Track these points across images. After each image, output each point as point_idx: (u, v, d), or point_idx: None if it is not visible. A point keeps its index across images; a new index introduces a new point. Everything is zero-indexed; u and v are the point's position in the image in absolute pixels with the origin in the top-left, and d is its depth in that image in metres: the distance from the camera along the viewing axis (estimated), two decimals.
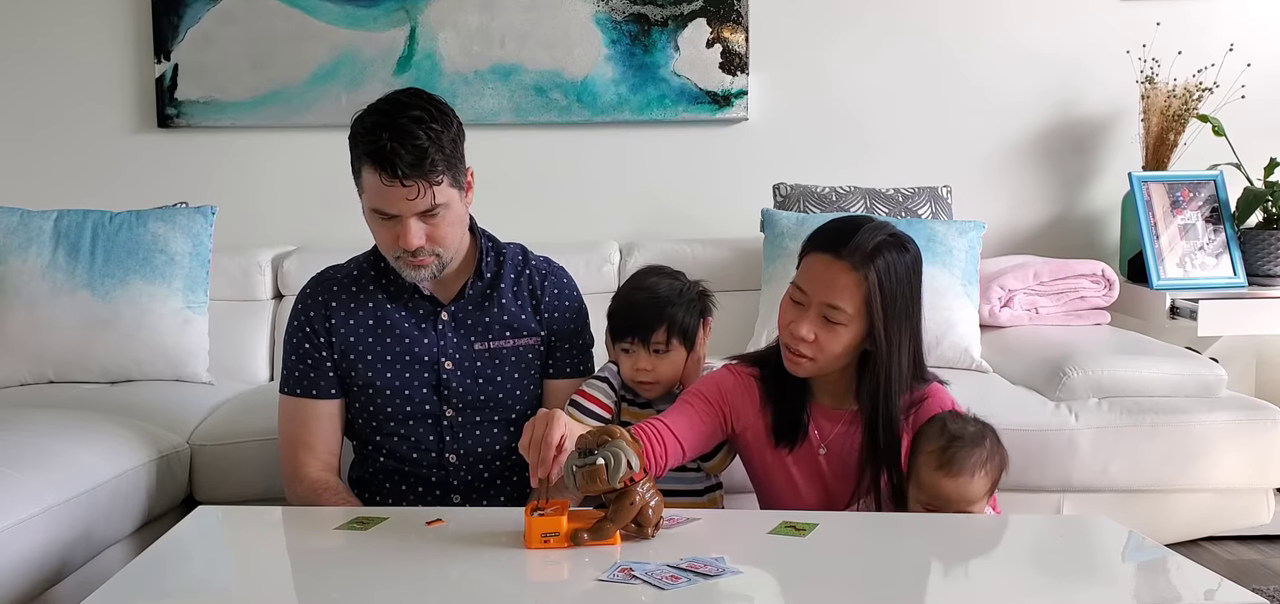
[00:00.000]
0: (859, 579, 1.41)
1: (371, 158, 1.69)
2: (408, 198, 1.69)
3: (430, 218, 1.73)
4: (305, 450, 1.86)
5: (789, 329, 1.68)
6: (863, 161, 3.22)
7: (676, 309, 1.86)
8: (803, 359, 1.68)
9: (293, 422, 1.88)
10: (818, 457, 1.75)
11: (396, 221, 1.72)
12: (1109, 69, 3.19)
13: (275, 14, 3.17)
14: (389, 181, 1.68)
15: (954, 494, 1.62)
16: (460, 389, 1.86)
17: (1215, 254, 2.94)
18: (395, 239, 1.73)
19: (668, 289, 1.88)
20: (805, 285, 1.67)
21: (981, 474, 1.63)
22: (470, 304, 1.88)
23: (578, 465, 1.45)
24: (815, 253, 1.69)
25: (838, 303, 1.63)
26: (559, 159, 3.28)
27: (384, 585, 1.31)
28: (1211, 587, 1.35)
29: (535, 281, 1.92)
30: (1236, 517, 2.50)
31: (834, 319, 1.64)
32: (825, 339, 1.65)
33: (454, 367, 1.86)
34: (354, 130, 1.75)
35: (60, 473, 1.83)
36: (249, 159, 3.25)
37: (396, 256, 1.77)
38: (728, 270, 2.93)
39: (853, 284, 1.63)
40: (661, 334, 1.85)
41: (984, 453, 1.64)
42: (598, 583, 1.30)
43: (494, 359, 1.87)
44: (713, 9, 3.19)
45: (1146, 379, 2.40)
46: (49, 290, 2.59)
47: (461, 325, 1.87)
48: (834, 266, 1.64)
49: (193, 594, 1.35)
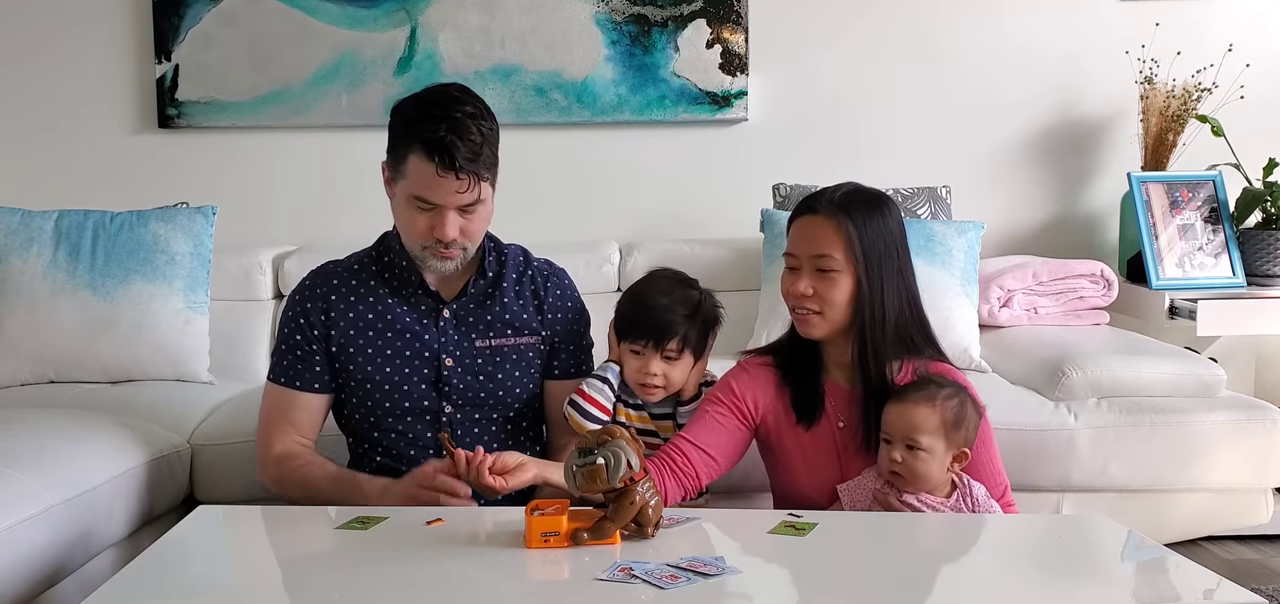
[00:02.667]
0: (859, 579, 1.41)
1: (427, 147, 1.69)
2: (457, 191, 1.71)
3: (468, 212, 1.75)
4: (279, 431, 1.87)
5: (790, 293, 1.78)
6: (862, 162, 3.22)
7: (694, 322, 1.88)
8: (811, 315, 1.76)
9: (274, 408, 1.90)
10: (834, 432, 1.80)
11: (435, 212, 1.73)
12: (1108, 69, 3.19)
13: (276, 14, 3.17)
14: (443, 173, 1.69)
15: (897, 420, 1.68)
16: (460, 386, 1.86)
17: (1214, 254, 2.94)
18: (430, 228, 1.74)
19: (685, 298, 1.89)
20: (794, 249, 1.78)
21: (928, 406, 1.67)
22: (472, 302, 1.88)
23: (578, 465, 1.45)
24: (797, 218, 1.79)
25: (825, 250, 1.73)
26: (559, 159, 3.28)
27: (384, 585, 1.31)
28: (1211, 587, 1.35)
29: (537, 282, 1.93)
30: (1236, 517, 2.50)
31: (826, 268, 1.74)
32: (824, 289, 1.74)
33: (454, 363, 1.86)
34: (404, 116, 1.75)
35: (60, 473, 1.83)
36: (250, 159, 3.26)
37: (424, 246, 1.77)
38: (727, 270, 2.93)
39: (833, 230, 1.73)
40: (676, 344, 1.86)
41: (935, 392, 1.69)
42: (598, 583, 1.30)
43: (495, 356, 1.88)
44: (713, 9, 3.19)
45: (1146, 379, 2.40)
46: (50, 290, 2.60)
47: (463, 323, 1.88)
48: (814, 221, 1.76)
49: (193, 594, 1.35)
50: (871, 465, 1.76)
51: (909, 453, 1.67)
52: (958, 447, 1.69)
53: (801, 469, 1.82)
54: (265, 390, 1.93)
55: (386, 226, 1.91)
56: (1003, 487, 1.79)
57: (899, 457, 1.67)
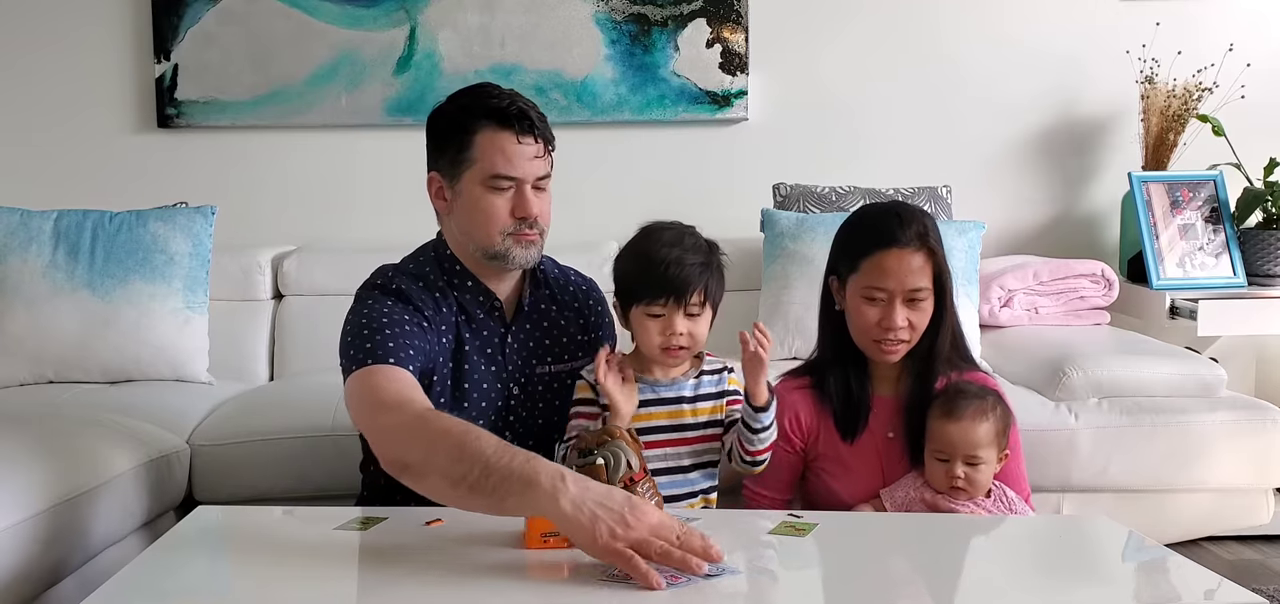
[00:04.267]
0: (859, 579, 1.41)
1: (498, 117, 1.68)
2: (535, 156, 1.70)
3: (540, 187, 1.73)
4: (389, 398, 1.54)
5: (880, 326, 1.78)
6: (862, 161, 3.22)
7: (711, 269, 1.74)
8: (901, 345, 1.79)
9: (373, 389, 1.56)
10: (879, 443, 1.83)
11: (515, 189, 1.69)
12: (1109, 69, 3.19)
13: (275, 14, 3.17)
14: (522, 137, 1.68)
15: (958, 438, 1.72)
16: (524, 414, 1.80)
17: (1215, 254, 2.94)
18: (512, 210, 1.69)
19: (696, 245, 1.74)
20: (882, 283, 1.77)
21: (984, 422, 1.73)
22: (529, 322, 1.80)
23: (578, 465, 1.45)
24: (880, 251, 1.77)
25: (920, 284, 1.76)
26: (559, 159, 3.24)
27: (384, 585, 1.31)
28: (1211, 587, 1.35)
29: (580, 298, 1.88)
30: (1236, 517, 2.50)
31: (917, 299, 1.77)
32: (916, 319, 1.78)
33: (520, 392, 1.79)
34: (459, 104, 1.72)
35: (60, 473, 1.83)
36: (249, 159, 3.25)
37: (508, 233, 1.70)
38: (727, 270, 2.92)
39: (924, 262, 1.77)
40: (699, 295, 1.72)
41: (985, 404, 1.74)
42: (597, 583, 1.30)
43: (552, 383, 1.80)
44: (713, 9, 3.19)
45: (1146, 379, 2.40)
46: (49, 290, 2.59)
47: (524, 348, 1.79)
48: (905, 255, 1.76)
49: (193, 594, 1.35)
50: (911, 472, 1.80)
51: (970, 467, 1.72)
52: (1002, 450, 1.77)
53: (842, 480, 1.84)
54: (352, 385, 1.60)
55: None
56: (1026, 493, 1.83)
57: (961, 472, 1.72)
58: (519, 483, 1.34)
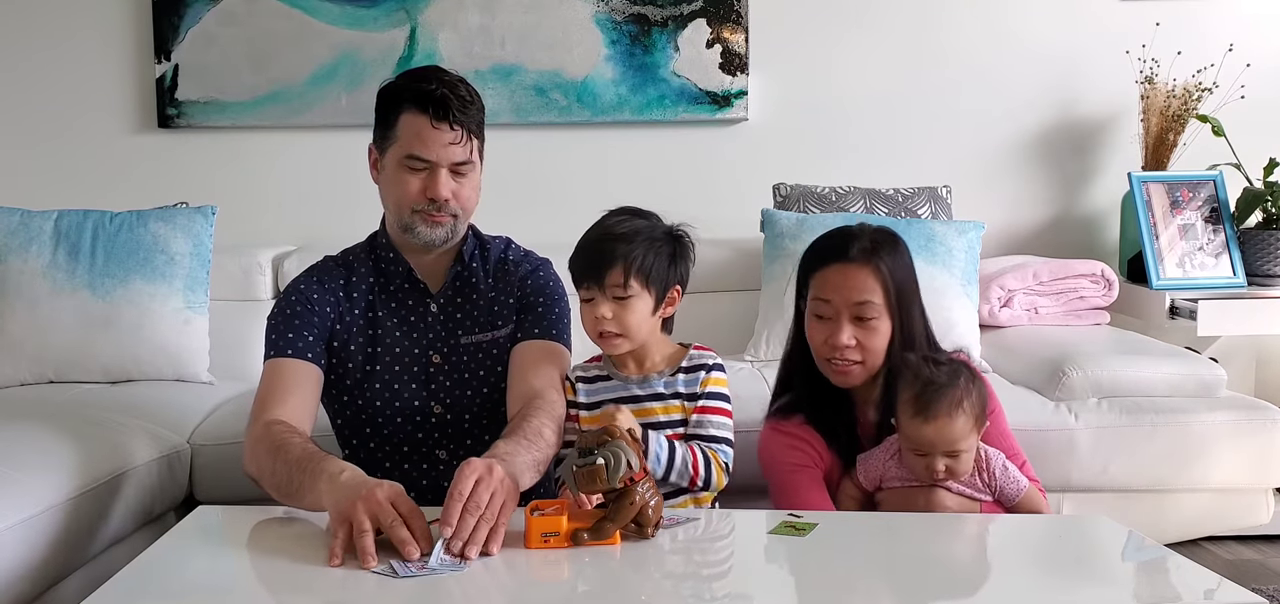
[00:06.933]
0: (859, 579, 1.41)
1: (418, 101, 1.72)
2: (450, 142, 1.72)
3: (458, 174, 1.76)
4: (275, 400, 1.70)
5: (827, 344, 1.74)
6: (862, 162, 3.22)
7: (636, 246, 1.64)
8: (852, 366, 1.74)
9: (269, 386, 1.73)
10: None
11: (428, 171, 1.74)
12: (1108, 69, 3.19)
13: (275, 14, 3.17)
14: (437, 123, 1.71)
15: (936, 438, 1.67)
16: (448, 383, 1.84)
17: (1215, 254, 2.94)
18: (422, 190, 1.74)
19: (629, 225, 1.68)
20: (828, 296, 1.74)
21: (960, 413, 1.66)
22: (457, 295, 1.86)
23: (578, 465, 1.44)
24: (825, 267, 1.75)
25: (866, 297, 1.71)
26: (559, 159, 3.28)
27: (384, 585, 1.31)
28: (1211, 586, 1.35)
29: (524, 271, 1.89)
30: (1236, 516, 2.50)
31: (866, 316, 1.72)
32: (866, 338, 1.73)
33: (442, 360, 1.84)
34: (393, 86, 1.78)
35: (60, 473, 1.84)
36: (249, 159, 3.26)
37: (415, 209, 1.75)
38: (728, 270, 2.93)
39: (870, 275, 1.72)
40: (619, 273, 1.63)
41: (958, 392, 1.67)
42: (597, 583, 1.30)
43: (477, 353, 1.84)
44: (713, 9, 3.19)
45: (1146, 379, 2.40)
46: (49, 290, 2.59)
47: (450, 319, 1.85)
48: (850, 269, 1.73)
49: (193, 594, 1.35)
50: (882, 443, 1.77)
51: (951, 459, 1.69)
52: (981, 427, 1.72)
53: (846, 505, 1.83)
54: (262, 374, 1.78)
55: None
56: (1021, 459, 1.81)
57: (943, 466, 1.68)
58: (309, 478, 1.50)
